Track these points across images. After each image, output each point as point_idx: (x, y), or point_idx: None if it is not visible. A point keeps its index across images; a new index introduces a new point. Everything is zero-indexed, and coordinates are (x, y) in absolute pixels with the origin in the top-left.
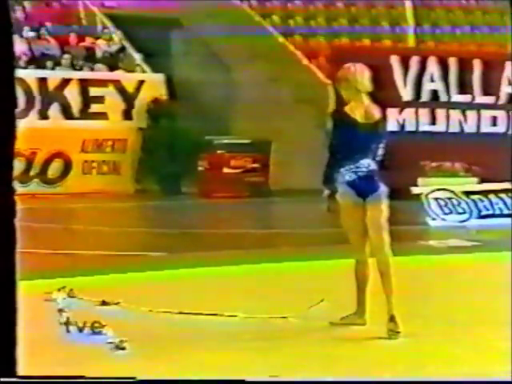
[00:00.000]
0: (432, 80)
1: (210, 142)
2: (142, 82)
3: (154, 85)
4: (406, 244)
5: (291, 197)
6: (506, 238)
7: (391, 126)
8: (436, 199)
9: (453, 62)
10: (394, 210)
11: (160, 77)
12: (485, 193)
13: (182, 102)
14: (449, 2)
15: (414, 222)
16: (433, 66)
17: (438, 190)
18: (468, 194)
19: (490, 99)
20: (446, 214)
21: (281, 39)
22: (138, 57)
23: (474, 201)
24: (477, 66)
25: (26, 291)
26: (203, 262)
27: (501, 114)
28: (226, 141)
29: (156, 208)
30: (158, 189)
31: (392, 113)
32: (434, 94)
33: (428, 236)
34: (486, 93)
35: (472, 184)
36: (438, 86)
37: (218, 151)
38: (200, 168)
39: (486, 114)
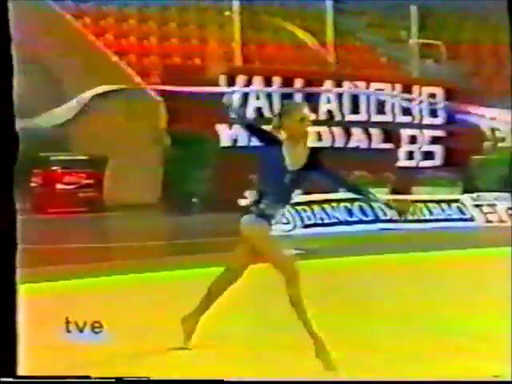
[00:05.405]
0: (257, 98)
1: (46, 158)
2: None
3: None
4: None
5: (126, 211)
6: (330, 245)
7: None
8: None
9: (277, 81)
10: (224, 222)
11: None
12: (308, 203)
13: None
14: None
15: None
16: (258, 85)
17: None
18: (293, 205)
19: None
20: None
21: (114, 58)
22: None
23: (298, 211)
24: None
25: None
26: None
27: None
28: (61, 157)
29: None
30: None
31: (223, 129)
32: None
33: None
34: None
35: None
36: (262, 103)
37: (53, 167)
38: (33, 184)
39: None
